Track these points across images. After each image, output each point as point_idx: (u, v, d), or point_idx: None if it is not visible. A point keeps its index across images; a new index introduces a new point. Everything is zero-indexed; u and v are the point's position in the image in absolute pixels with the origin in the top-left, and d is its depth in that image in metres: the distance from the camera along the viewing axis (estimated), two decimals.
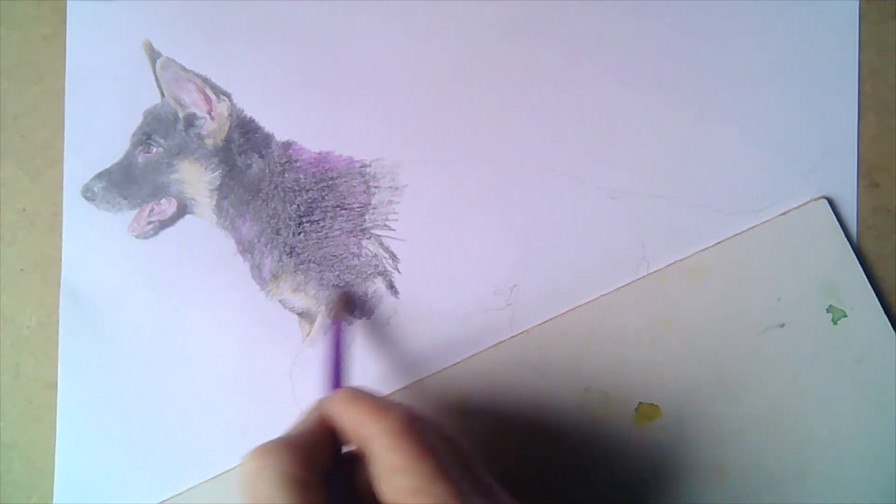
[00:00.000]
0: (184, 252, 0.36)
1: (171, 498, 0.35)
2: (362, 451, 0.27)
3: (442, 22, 0.35)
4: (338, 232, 0.36)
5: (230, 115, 0.35)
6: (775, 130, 0.35)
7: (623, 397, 0.34)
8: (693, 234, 0.35)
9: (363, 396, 0.27)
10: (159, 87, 0.36)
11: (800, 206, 0.35)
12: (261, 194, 0.36)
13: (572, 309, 0.35)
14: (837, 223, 0.35)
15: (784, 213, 0.35)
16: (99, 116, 0.36)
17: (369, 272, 0.35)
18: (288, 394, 0.35)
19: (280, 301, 0.36)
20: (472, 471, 0.27)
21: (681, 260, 0.35)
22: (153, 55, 0.35)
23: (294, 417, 0.28)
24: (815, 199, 0.35)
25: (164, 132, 0.36)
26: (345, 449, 0.28)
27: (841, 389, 0.34)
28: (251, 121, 0.35)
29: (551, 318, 0.35)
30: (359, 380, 0.35)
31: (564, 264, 0.35)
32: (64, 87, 0.36)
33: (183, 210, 0.36)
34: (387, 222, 0.35)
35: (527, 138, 0.35)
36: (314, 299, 0.36)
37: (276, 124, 0.35)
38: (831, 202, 0.35)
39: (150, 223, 0.36)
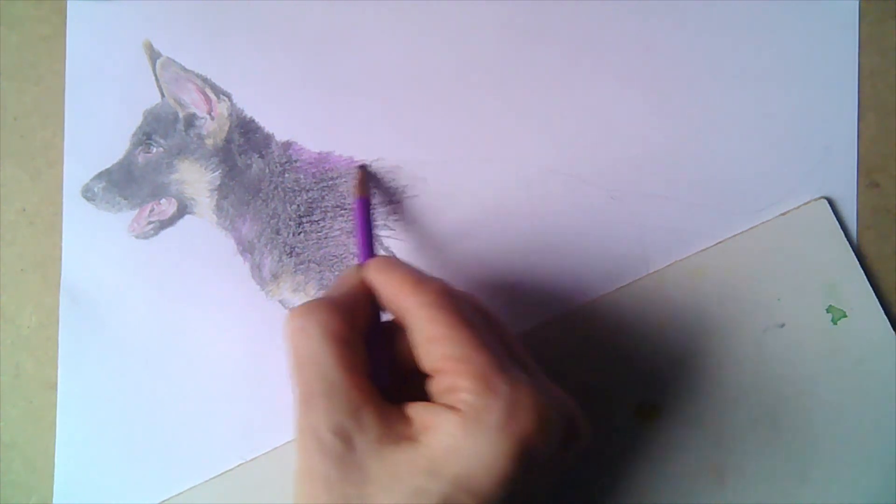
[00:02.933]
0: (184, 252, 0.36)
1: (171, 498, 0.35)
2: (400, 321, 0.27)
3: (442, 22, 0.35)
4: (338, 232, 0.36)
5: (230, 115, 0.35)
6: (775, 130, 0.35)
7: (623, 397, 0.34)
8: (693, 234, 0.35)
9: (399, 266, 0.27)
10: (159, 87, 0.36)
11: (800, 206, 0.35)
12: (261, 194, 0.36)
13: (572, 309, 0.35)
14: (837, 223, 0.35)
15: (784, 213, 0.35)
16: (99, 116, 0.36)
17: None
18: (288, 394, 0.35)
19: (280, 301, 0.36)
20: (511, 346, 0.27)
21: (681, 260, 0.35)
22: (153, 55, 0.35)
23: (294, 417, 0.28)
24: (815, 199, 0.35)
25: (164, 132, 0.36)
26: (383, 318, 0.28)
27: (841, 389, 0.34)
28: (251, 121, 0.35)
29: (551, 318, 0.35)
30: None
31: (564, 264, 0.35)
32: (64, 87, 0.36)
33: (183, 210, 0.36)
34: (387, 222, 0.35)
35: (527, 138, 0.35)
36: None
37: (276, 124, 0.35)
38: (831, 202, 0.35)
39: (150, 223, 0.36)
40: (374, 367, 0.26)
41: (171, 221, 0.36)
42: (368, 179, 0.35)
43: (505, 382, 0.24)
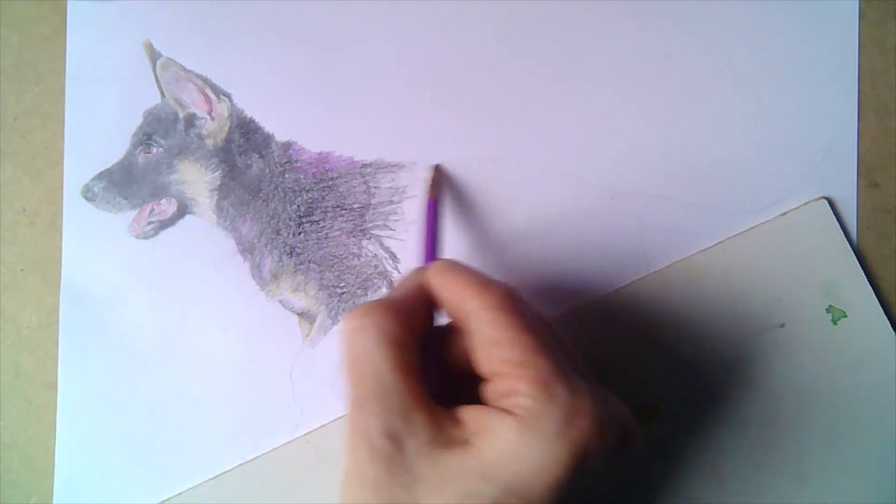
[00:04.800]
0: (184, 252, 0.36)
1: (171, 498, 0.35)
2: (458, 324, 0.27)
3: (442, 22, 0.35)
4: (338, 232, 0.36)
5: (230, 115, 0.35)
6: (775, 130, 0.35)
7: (623, 397, 0.34)
8: (693, 234, 0.35)
9: (463, 269, 0.27)
10: (159, 87, 0.36)
11: (800, 206, 0.35)
12: (261, 194, 0.36)
13: (572, 309, 0.35)
14: (837, 223, 0.35)
15: (784, 213, 0.35)
16: (99, 116, 0.36)
17: (369, 272, 0.35)
18: (288, 394, 0.35)
19: (280, 301, 0.36)
20: (570, 354, 0.27)
21: (681, 260, 0.35)
22: (153, 55, 0.35)
23: (294, 417, 0.28)
24: (815, 199, 0.35)
25: (164, 132, 0.36)
26: (437, 322, 0.28)
27: (841, 389, 0.34)
28: (251, 121, 0.35)
29: (551, 319, 0.35)
30: None
31: (564, 264, 0.35)
32: (64, 87, 0.36)
33: (183, 210, 0.36)
34: (387, 222, 0.35)
35: (527, 138, 0.35)
36: (314, 299, 0.36)
37: (276, 124, 0.35)
38: (831, 202, 0.35)
39: (150, 223, 0.36)
40: (426, 372, 0.26)
41: (171, 221, 0.36)
42: (442, 180, 0.34)
43: (565, 389, 0.24)
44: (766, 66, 0.35)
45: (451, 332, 0.27)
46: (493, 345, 0.25)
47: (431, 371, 0.27)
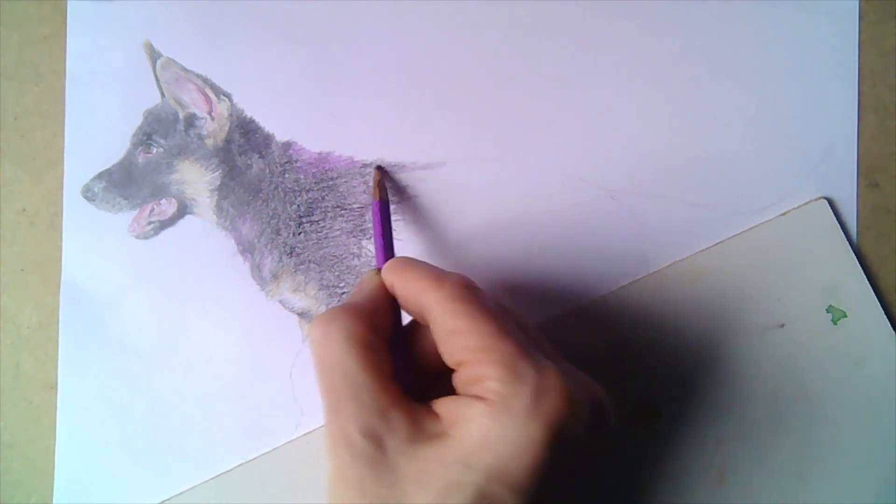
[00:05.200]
0: (184, 252, 0.36)
1: (171, 498, 0.35)
2: (419, 319, 0.27)
3: (442, 22, 0.35)
4: (338, 232, 0.36)
5: (230, 115, 0.35)
6: (775, 130, 0.35)
7: (623, 398, 0.34)
8: (693, 234, 0.35)
9: (416, 265, 0.27)
10: (159, 87, 0.36)
11: (800, 206, 0.35)
12: (261, 194, 0.36)
13: (572, 309, 0.35)
14: (837, 223, 0.35)
15: (784, 213, 0.35)
16: (99, 116, 0.36)
17: None
18: (288, 394, 0.35)
19: (280, 301, 0.36)
20: (532, 334, 0.27)
21: (681, 260, 0.35)
22: (153, 55, 0.35)
23: (294, 417, 0.28)
24: (815, 199, 0.35)
25: (164, 132, 0.36)
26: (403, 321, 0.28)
27: (841, 389, 0.34)
28: (251, 121, 0.35)
29: (551, 319, 0.35)
30: None
31: (564, 264, 0.35)
32: (64, 87, 0.36)
33: (183, 210, 0.36)
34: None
35: (527, 138, 0.35)
36: (314, 299, 0.36)
37: (276, 124, 0.35)
38: (831, 202, 0.35)
39: (150, 223, 0.36)
40: (398, 370, 0.26)
41: (171, 221, 0.36)
42: (385, 180, 0.35)
43: (531, 368, 0.24)
44: (766, 66, 0.35)
45: (417, 329, 0.28)
46: (454, 334, 0.25)
47: (404, 370, 0.27)
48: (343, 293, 0.35)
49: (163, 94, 0.36)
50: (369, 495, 0.23)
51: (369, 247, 0.35)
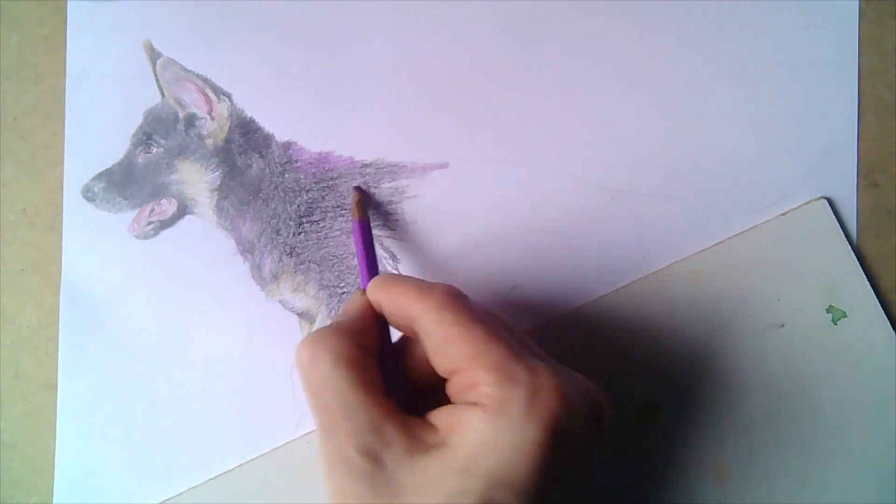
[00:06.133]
0: (184, 252, 0.36)
1: (171, 498, 0.35)
2: (408, 333, 0.27)
3: (442, 22, 0.35)
4: (338, 232, 0.36)
5: (230, 115, 0.35)
6: (775, 130, 0.35)
7: (623, 398, 0.34)
8: (693, 234, 0.35)
9: (400, 279, 0.27)
10: (159, 87, 0.36)
11: (800, 206, 0.35)
12: (261, 194, 0.36)
13: (572, 309, 0.35)
14: (837, 223, 0.35)
15: (784, 213, 0.35)
16: (99, 116, 0.36)
17: None
18: (288, 394, 0.35)
19: (280, 301, 0.36)
20: (522, 339, 0.27)
21: (681, 260, 0.35)
22: (153, 55, 0.35)
23: (294, 417, 0.28)
24: (815, 199, 0.35)
25: (164, 132, 0.36)
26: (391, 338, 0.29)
27: (841, 389, 0.34)
28: (251, 121, 0.35)
29: (551, 319, 0.35)
30: None
31: (564, 264, 0.35)
32: (64, 87, 0.36)
33: (183, 210, 0.36)
34: (387, 222, 0.35)
35: (527, 138, 0.35)
36: (314, 299, 0.36)
37: (276, 124, 0.35)
38: (831, 202, 0.35)
39: (150, 223, 0.36)
40: (391, 387, 0.26)
41: (171, 221, 0.36)
42: (366, 200, 0.35)
43: (523, 369, 0.24)
44: (766, 66, 0.35)
45: (407, 344, 0.28)
46: (444, 343, 0.25)
47: (396, 386, 0.27)
48: (343, 293, 0.35)
49: (163, 94, 0.36)
50: None
51: None
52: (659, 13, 0.35)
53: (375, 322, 0.28)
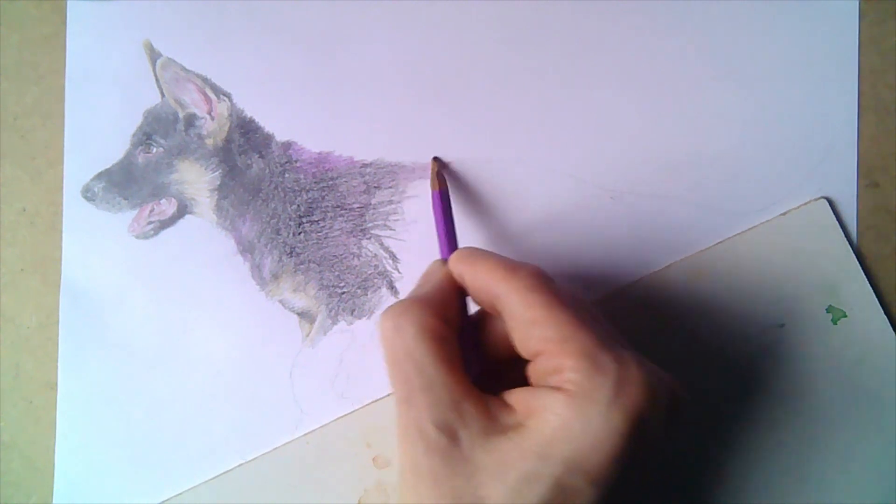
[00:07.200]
0: (184, 252, 0.36)
1: (171, 498, 0.35)
2: (489, 310, 0.27)
3: (442, 22, 0.35)
4: (338, 232, 0.36)
5: (230, 115, 0.35)
6: (775, 130, 0.35)
7: None
8: (693, 234, 0.35)
9: (486, 255, 0.27)
10: (159, 87, 0.36)
11: (800, 206, 0.35)
12: (261, 194, 0.36)
13: None
14: (837, 223, 0.35)
15: (784, 213, 0.35)
16: (99, 116, 0.36)
17: (369, 272, 0.35)
18: (288, 394, 0.35)
19: (280, 301, 0.36)
20: (606, 325, 0.27)
21: (681, 260, 0.35)
22: (153, 55, 0.35)
23: (294, 417, 0.28)
24: (815, 199, 0.35)
25: (164, 132, 0.36)
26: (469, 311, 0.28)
27: (841, 389, 0.34)
28: (251, 121, 0.35)
29: None
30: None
31: (564, 264, 0.35)
32: (64, 87, 0.36)
33: (183, 210, 0.36)
34: (387, 222, 0.35)
35: (527, 138, 0.35)
36: (314, 299, 0.36)
37: (276, 124, 0.35)
38: (831, 202, 0.35)
39: (150, 223, 0.36)
40: (466, 362, 0.26)
41: (171, 221, 0.36)
42: (443, 170, 0.34)
43: (611, 358, 0.24)
44: (766, 66, 0.35)
45: (485, 320, 0.27)
46: (530, 325, 0.25)
47: (471, 361, 0.27)
48: (343, 293, 0.35)
49: (163, 94, 0.36)
50: (443, 487, 0.23)
51: (369, 247, 0.35)
52: (659, 13, 0.35)
53: (455, 294, 0.28)
